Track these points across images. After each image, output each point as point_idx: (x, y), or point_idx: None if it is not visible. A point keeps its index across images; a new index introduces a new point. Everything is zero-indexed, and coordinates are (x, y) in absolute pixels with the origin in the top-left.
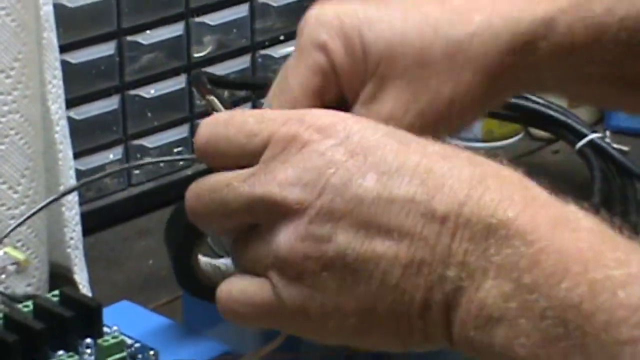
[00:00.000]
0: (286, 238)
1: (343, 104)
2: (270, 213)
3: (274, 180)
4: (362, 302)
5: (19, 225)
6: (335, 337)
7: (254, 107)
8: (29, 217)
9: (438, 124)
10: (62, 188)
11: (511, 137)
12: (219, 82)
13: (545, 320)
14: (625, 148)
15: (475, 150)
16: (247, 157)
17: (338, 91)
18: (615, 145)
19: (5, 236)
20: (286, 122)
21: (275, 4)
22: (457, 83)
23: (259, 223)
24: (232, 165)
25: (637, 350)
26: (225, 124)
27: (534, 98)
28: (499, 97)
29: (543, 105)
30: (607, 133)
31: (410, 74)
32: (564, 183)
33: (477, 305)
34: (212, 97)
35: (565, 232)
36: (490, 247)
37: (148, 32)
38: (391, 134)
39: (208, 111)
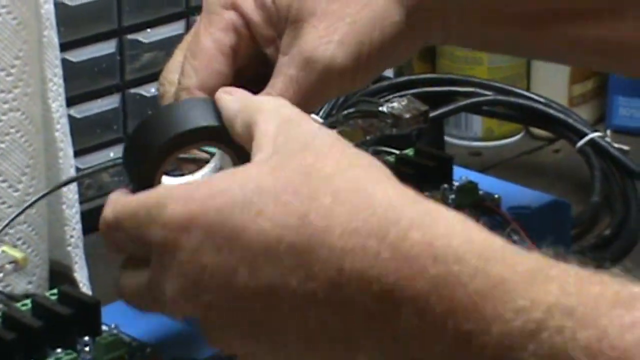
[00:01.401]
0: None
1: (260, 59)
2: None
3: (163, 297)
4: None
5: (15, 218)
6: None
7: None
8: (25, 210)
9: (362, 54)
10: None
11: (511, 136)
12: None
13: None
14: (625, 147)
15: (476, 149)
16: (142, 253)
17: (253, 47)
18: (615, 145)
19: (2, 229)
20: (151, 225)
21: None
22: (372, 8)
23: None
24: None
25: None
26: (117, 224)
27: (534, 97)
28: (415, 33)
29: (544, 104)
30: (608, 132)
31: (322, 9)
32: (564, 182)
33: None
34: None
35: (451, 288)
36: (388, 315)
37: (149, 30)
38: (247, 207)
39: None
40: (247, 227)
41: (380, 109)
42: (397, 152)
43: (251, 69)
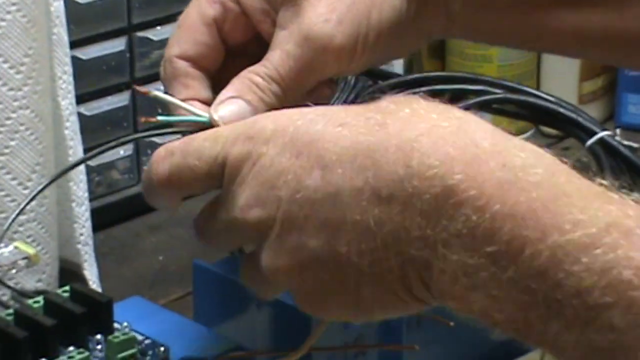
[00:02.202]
0: (266, 257)
1: (252, 33)
2: (248, 237)
3: (236, 207)
4: (349, 293)
5: (24, 207)
6: (342, 317)
7: None
8: (33, 198)
9: (360, 35)
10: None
11: (521, 134)
12: None
13: (516, 290)
14: (635, 145)
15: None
16: (211, 181)
17: (244, 21)
18: (625, 143)
19: (12, 221)
20: (236, 142)
21: None
22: None
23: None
24: (201, 191)
25: (611, 314)
26: (182, 154)
27: (544, 96)
28: (417, 20)
29: (553, 102)
30: (618, 131)
31: None
32: None
33: (448, 277)
34: (156, 93)
35: (515, 192)
36: (442, 218)
37: (158, 28)
38: (331, 120)
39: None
40: (328, 133)
41: None
42: None
43: (243, 44)
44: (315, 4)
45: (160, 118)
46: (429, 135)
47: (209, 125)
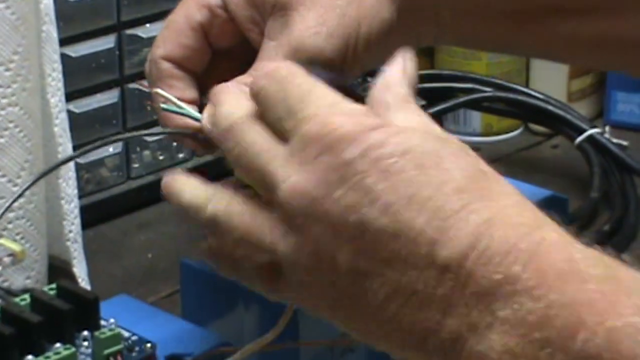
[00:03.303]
0: (295, 248)
1: (239, 39)
2: (283, 214)
3: (285, 183)
4: (360, 321)
5: (8, 207)
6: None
7: None
8: (20, 195)
9: (349, 48)
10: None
11: (510, 131)
12: None
13: None
14: (624, 143)
15: (475, 144)
16: (279, 129)
17: (232, 27)
18: (614, 140)
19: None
20: (313, 118)
21: None
22: (361, 3)
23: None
24: (270, 123)
25: None
26: (281, 81)
27: (533, 93)
28: (406, 32)
29: (542, 100)
30: (607, 128)
31: None
32: (563, 178)
33: (479, 358)
34: (158, 90)
35: (575, 284)
36: (494, 302)
37: (148, 25)
38: (412, 151)
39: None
40: (404, 172)
41: None
42: None
43: (230, 47)
44: (305, 16)
45: (163, 106)
46: (501, 221)
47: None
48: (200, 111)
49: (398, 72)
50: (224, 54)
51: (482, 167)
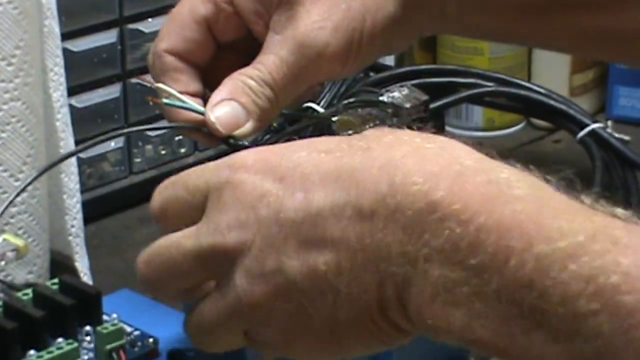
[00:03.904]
0: (242, 284)
1: (244, 33)
2: (221, 263)
3: (216, 229)
4: (324, 318)
5: (14, 199)
6: (317, 355)
7: None
8: (23, 189)
9: (353, 42)
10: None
11: (512, 126)
12: None
13: (500, 302)
14: (626, 137)
15: (477, 139)
16: (195, 212)
17: (237, 22)
18: (616, 135)
19: (1, 214)
20: (218, 170)
21: None
22: None
23: (215, 279)
24: (187, 224)
25: (598, 321)
26: (173, 184)
27: (535, 88)
28: (410, 25)
29: (544, 95)
30: (609, 123)
31: None
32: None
33: (428, 293)
34: (160, 85)
35: (500, 206)
36: (424, 233)
37: (150, 20)
38: (314, 148)
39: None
40: (312, 158)
41: (381, 98)
42: None
43: (234, 40)
44: (310, 10)
45: (165, 101)
46: (412, 155)
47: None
48: (205, 104)
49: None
50: (227, 47)
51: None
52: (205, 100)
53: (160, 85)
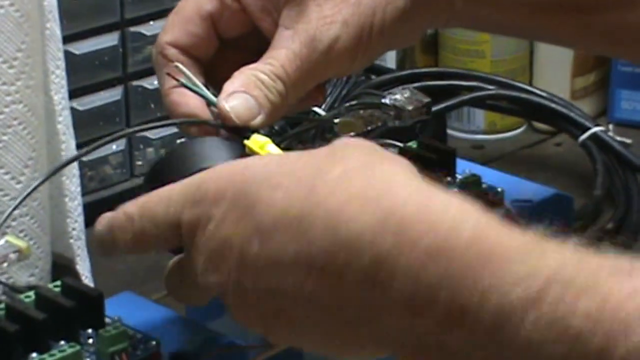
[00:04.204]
0: (234, 312)
1: (251, 30)
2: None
3: (197, 271)
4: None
5: (17, 206)
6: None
7: None
8: (26, 197)
9: (363, 37)
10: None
11: (514, 129)
12: None
13: (462, 355)
14: (628, 141)
15: (478, 142)
16: (176, 243)
17: (243, 18)
18: (618, 138)
19: (5, 220)
20: (184, 207)
21: None
22: None
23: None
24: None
25: None
26: (140, 220)
27: (536, 91)
28: (419, 18)
29: (546, 98)
30: (610, 126)
31: None
32: (566, 176)
33: (393, 340)
34: (179, 64)
35: (445, 257)
36: (376, 288)
37: (151, 23)
38: (268, 181)
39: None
40: (262, 198)
41: (383, 100)
42: (400, 144)
43: (239, 39)
44: (321, 5)
45: (182, 81)
46: (356, 199)
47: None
48: None
49: None
50: (231, 43)
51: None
52: None
53: (178, 64)
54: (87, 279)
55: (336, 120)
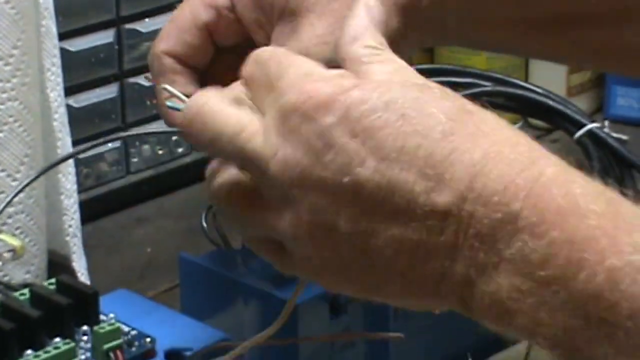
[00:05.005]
0: (292, 223)
1: (242, 38)
2: (276, 190)
3: (273, 158)
4: (372, 283)
5: (11, 200)
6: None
7: None
8: (20, 191)
9: None
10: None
11: None
12: None
13: (566, 313)
14: (624, 137)
15: None
16: (263, 109)
17: (239, 29)
18: (614, 135)
19: None
20: (290, 89)
21: None
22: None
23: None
24: (258, 105)
25: None
26: (264, 63)
27: (532, 88)
28: (412, 38)
29: (542, 95)
30: (606, 122)
31: (322, 6)
32: None
33: (490, 298)
34: (166, 86)
35: (575, 220)
36: (497, 242)
37: (147, 20)
38: (394, 103)
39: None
40: (388, 126)
41: None
42: None
43: (234, 45)
44: (314, 24)
45: (168, 104)
46: (493, 157)
47: None
48: None
49: (362, 22)
50: (227, 50)
51: (468, 107)
52: None
53: (166, 86)
54: (83, 276)
55: None
